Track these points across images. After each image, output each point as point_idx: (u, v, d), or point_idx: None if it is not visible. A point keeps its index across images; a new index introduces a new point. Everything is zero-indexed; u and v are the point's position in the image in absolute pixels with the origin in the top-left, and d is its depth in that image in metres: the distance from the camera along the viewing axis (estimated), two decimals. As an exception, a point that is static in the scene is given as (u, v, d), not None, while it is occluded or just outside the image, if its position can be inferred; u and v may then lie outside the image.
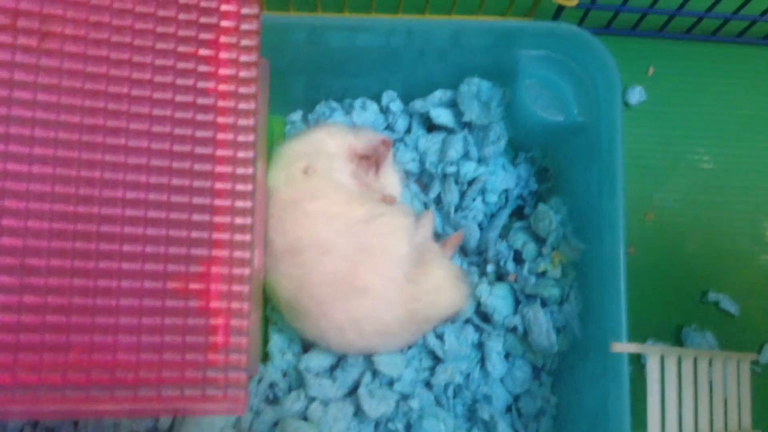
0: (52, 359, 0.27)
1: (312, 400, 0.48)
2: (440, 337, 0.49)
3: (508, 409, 0.50)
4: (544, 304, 0.49)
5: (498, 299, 0.49)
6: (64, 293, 0.28)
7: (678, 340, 0.55)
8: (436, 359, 0.49)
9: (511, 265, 0.50)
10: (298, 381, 0.49)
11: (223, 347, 0.30)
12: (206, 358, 0.30)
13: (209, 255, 0.30)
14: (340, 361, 0.49)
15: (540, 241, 0.50)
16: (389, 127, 0.54)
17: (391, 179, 0.51)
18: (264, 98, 0.42)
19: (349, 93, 0.54)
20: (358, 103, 0.53)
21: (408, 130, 0.54)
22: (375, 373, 0.48)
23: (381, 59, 0.50)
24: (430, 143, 0.52)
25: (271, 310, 0.49)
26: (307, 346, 0.50)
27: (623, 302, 0.43)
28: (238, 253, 0.31)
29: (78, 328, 0.28)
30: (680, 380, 0.44)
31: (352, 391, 0.48)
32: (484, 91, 0.50)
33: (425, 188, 0.53)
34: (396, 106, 0.53)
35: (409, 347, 0.50)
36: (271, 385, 0.49)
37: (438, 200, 0.52)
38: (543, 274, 0.49)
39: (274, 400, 0.49)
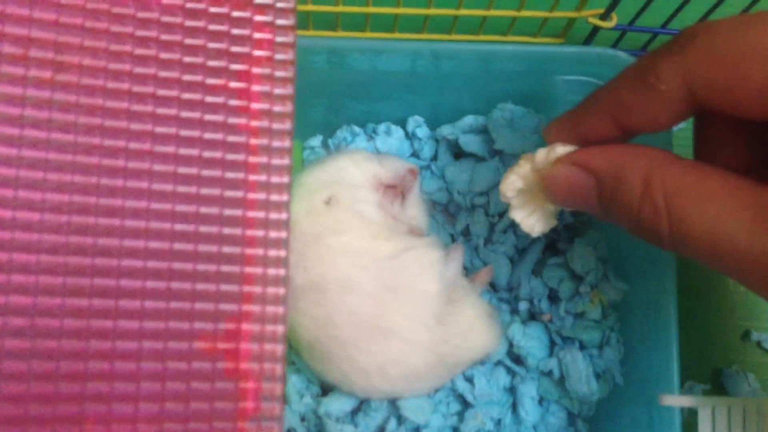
0: (65, 433, 0.24)
1: (333, 447, 0.45)
2: (470, 380, 0.46)
3: (541, 457, 0.47)
4: (582, 347, 0.46)
5: (533, 340, 0.46)
6: (78, 357, 0.25)
7: (717, 383, 0.52)
8: (465, 404, 0.46)
9: (545, 304, 0.47)
10: (317, 426, 0.46)
11: (254, 415, 0.27)
12: (236, 427, 0.26)
13: (239, 310, 0.27)
14: (362, 404, 0.46)
15: (577, 278, 0.46)
16: (415, 154, 0.51)
17: (417, 210, 0.47)
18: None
19: (371, 117, 0.51)
20: (382, 128, 0.50)
21: (434, 158, 0.51)
22: (400, 419, 0.45)
23: (406, 83, 0.47)
24: (459, 171, 0.49)
25: (288, 350, 0.46)
26: (326, 389, 0.47)
27: (675, 350, 0.41)
28: (270, 308, 0.28)
29: (94, 397, 0.25)
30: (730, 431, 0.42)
31: (376, 439, 0.45)
32: (518, 117, 0.47)
33: (452, 219, 0.50)
34: (422, 132, 0.50)
35: (437, 391, 0.46)
36: (289, 431, 0.45)
37: (466, 232, 0.49)
38: (581, 314, 0.46)
39: (292, 448, 0.45)
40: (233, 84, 0.28)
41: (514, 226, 0.49)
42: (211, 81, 0.28)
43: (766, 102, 0.26)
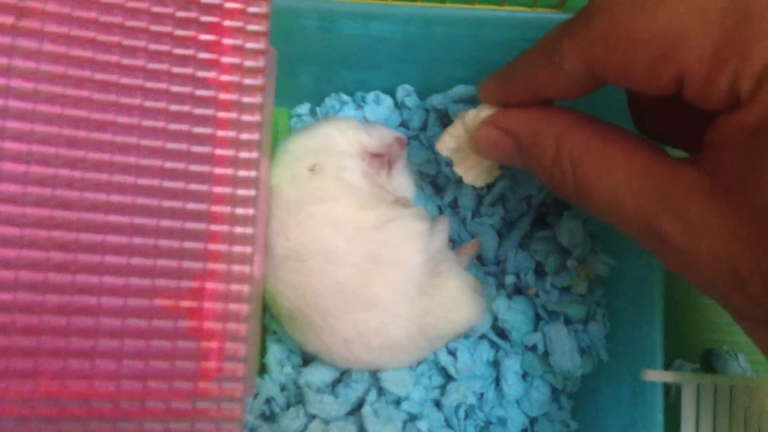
0: (17, 388, 0.24)
1: (312, 418, 0.44)
2: (453, 353, 0.45)
3: (524, 433, 0.47)
4: (567, 321, 0.45)
5: (517, 314, 0.45)
6: (33, 311, 0.24)
7: (707, 362, 0.51)
8: (448, 377, 0.46)
9: (531, 278, 0.46)
10: (297, 396, 0.45)
11: (217, 375, 0.26)
12: (196, 387, 0.26)
13: (204, 269, 0.26)
14: (343, 375, 0.45)
15: (565, 253, 0.46)
16: (404, 124, 0.50)
17: (404, 180, 0.47)
18: (270, 91, 0.38)
19: (361, 86, 0.50)
20: (371, 96, 0.49)
21: (424, 128, 0.50)
22: (381, 391, 0.44)
23: (397, 50, 0.46)
24: (448, 142, 0.48)
25: (269, 319, 0.46)
26: (307, 359, 0.46)
27: (659, 325, 0.40)
28: (236, 267, 0.27)
29: (49, 352, 0.24)
30: (715, 410, 0.41)
31: (356, 410, 0.45)
32: (509, 87, 0.46)
33: (440, 191, 0.49)
34: (412, 101, 0.49)
35: (419, 363, 0.46)
36: (268, 400, 0.45)
37: (454, 204, 0.48)
38: (567, 289, 0.45)
39: (270, 417, 0.45)
40: (203, 36, 0.27)
41: (503, 199, 0.48)
42: (180, 32, 0.27)
43: (654, 83, 0.28)
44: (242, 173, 0.27)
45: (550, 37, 0.31)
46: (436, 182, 0.49)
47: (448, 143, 0.38)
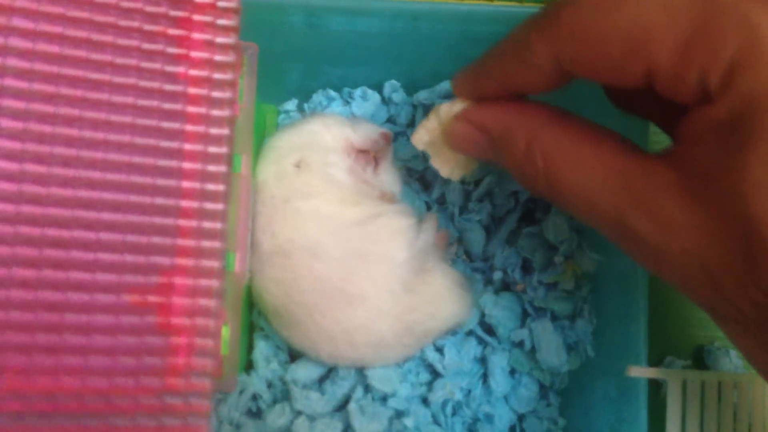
0: (-19, 384, 0.24)
1: (298, 414, 0.44)
2: (440, 350, 0.45)
3: (512, 430, 0.46)
4: (554, 318, 0.45)
5: (504, 310, 0.45)
6: (-1, 307, 0.24)
7: (699, 359, 0.51)
8: (435, 374, 0.45)
9: (519, 274, 0.46)
10: (284, 393, 0.45)
11: (185, 371, 0.26)
12: (164, 383, 0.26)
13: (172, 264, 0.26)
14: (330, 372, 0.45)
15: (552, 249, 0.45)
16: (391, 120, 0.50)
17: (390, 176, 0.46)
18: (252, 87, 0.38)
19: (348, 82, 0.50)
20: (357, 92, 0.49)
21: (411, 123, 0.49)
22: (367, 388, 0.44)
23: (384, 46, 0.46)
24: (435, 138, 0.48)
25: (257, 316, 0.46)
26: (294, 355, 0.46)
27: (643, 321, 0.39)
28: (205, 263, 0.27)
29: (14, 348, 0.24)
30: (702, 406, 0.41)
31: (342, 406, 0.44)
32: (495, 83, 0.46)
33: (428, 187, 0.49)
34: (399, 96, 0.49)
35: (406, 360, 0.46)
36: (255, 397, 0.45)
37: (441, 200, 0.48)
38: (554, 285, 0.45)
39: (257, 413, 0.45)
40: (172, 31, 0.27)
41: (490, 195, 0.48)
42: (149, 27, 0.27)
43: (624, 78, 0.27)
44: (212, 168, 0.27)
45: (519, 31, 0.31)
46: (424, 178, 0.49)
47: (422, 137, 0.38)
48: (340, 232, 0.42)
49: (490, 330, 0.46)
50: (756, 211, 0.24)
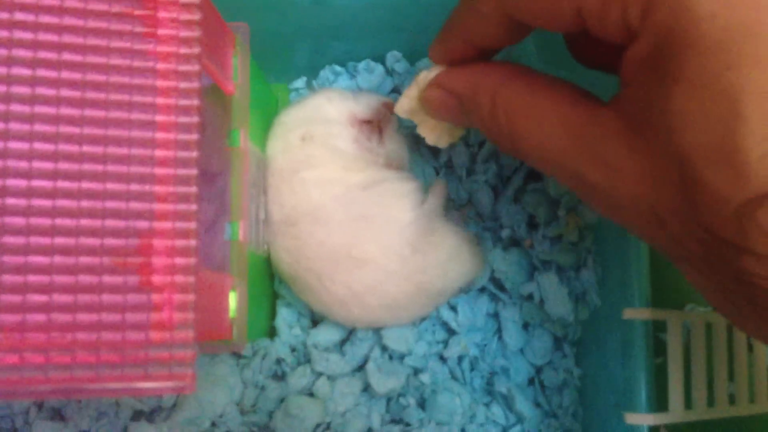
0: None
1: (319, 375, 0.46)
2: (454, 308, 0.47)
3: (531, 382, 0.47)
4: (560, 270, 0.46)
5: (512, 266, 0.46)
6: (-6, 271, 0.27)
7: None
8: (451, 331, 0.47)
9: (524, 230, 0.47)
10: (306, 357, 0.47)
11: (168, 324, 0.28)
12: (148, 336, 0.28)
13: (151, 227, 0.29)
14: (350, 335, 0.47)
15: (555, 203, 0.46)
16: (396, 90, 0.51)
17: (397, 144, 0.48)
18: (245, 64, 0.40)
19: (353, 56, 0.51)
20: (362, 65, 0.51)
21: (417, 92, 0.51)
22: (385, 348, 0.46)
23: (385, 17, 0.47)
24: (440, 104, 0.49)
25: (279, 284, 0.48)
26: (317, 320, 0.48)
27: (644, 266, 0.40)
28: (180, 224, 0.29)
29: (8, 307, 0.27)
30: (710, 346, 0.41)
31: (362, 366, 0.46)
32: (493, 45, 0.47)
33: (436, 152, 0.50)
34: (402, 66, 0.50)
35: (423, 320, 0.47)
36: (278, 361, 0.47)
37: (449, 164, 0.49)
38: (559, 238, 0.46)
39: (282, 376, 0.47)
40: (138, 11, 0.29)
41: (495, 155, 0.48)
42: (116, 9, 0.29)
43: (558, 18, 0.28)
44: (182, 136, 0.29)
45: None
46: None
47: (403, 105, 0.39)
48: (343, 196, 0.43)
49: (501, 286, 0.47)
50: (684, 143, 0.24)
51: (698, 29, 0.23)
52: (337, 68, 0.51)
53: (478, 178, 0.48)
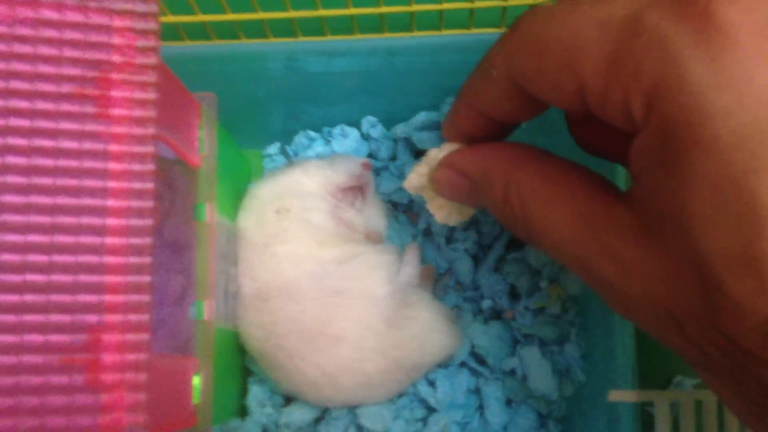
0: None
1: (293, 457, 0.44)
2: (432, 383, 0.45)
3: (515, 462, 0.45)
4: (543, 344, 0.44)
5: (493, 339, 0.44)
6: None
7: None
8: (430, 408, 0.45)
9: (506, 301, 0.45)
10: (279, 437, 0.45)
11: (118, 427, 0.26)
12: (97, 439, 0.26)
13: (100, 321, 0.27)
14: (324, 413, 0.45)
15: (536, 274, 0.44)
16: (372, 155, 0.49)
17: (375, 210, 0.46)
18: (212, 135, 0.39)
19: (328, 121, 0.50)
20: (336, 131, 0.49)
21: (393, 158, 0.49)
22: (360, 427, 0.44)
23: (361, 83, 0.46)
24: (417, 170, 0.48)
25: (249, 360, 0.46)
26: (290, 398, 0.46)
27: (630, 345, 0.38)
28: (133, 317, 0.27)
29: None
30: (700, 424, 0.39)
31: (338, 447, 0.44)
32: (469, 110, 0.46)
33: (416, 218, 0.49)
34: (377, 132, 0.49)
35: (400, 396, 0.45)
36: (250, 442, 0.45)
37: (428, 231, 0.48)
38: (541, 310, 0.44)
39: (254, 459, 0.45)
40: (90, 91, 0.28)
41: (476, 223, 0.47)
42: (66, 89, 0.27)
43: (559, 94, 0.27)
44: (137, 185, 0.27)
45: (487, 50, 0.31)
46: (410, 210, 0.49)
47: (413, 182, 0.38)
48: (315, 272, 0.42)
49: (482, 360, 0.45)
50: (703, 249, 0.22)
51: (711, 127, 0.21)
52: (312, 133, 0.50)
53: (457, 246, 0.47)
